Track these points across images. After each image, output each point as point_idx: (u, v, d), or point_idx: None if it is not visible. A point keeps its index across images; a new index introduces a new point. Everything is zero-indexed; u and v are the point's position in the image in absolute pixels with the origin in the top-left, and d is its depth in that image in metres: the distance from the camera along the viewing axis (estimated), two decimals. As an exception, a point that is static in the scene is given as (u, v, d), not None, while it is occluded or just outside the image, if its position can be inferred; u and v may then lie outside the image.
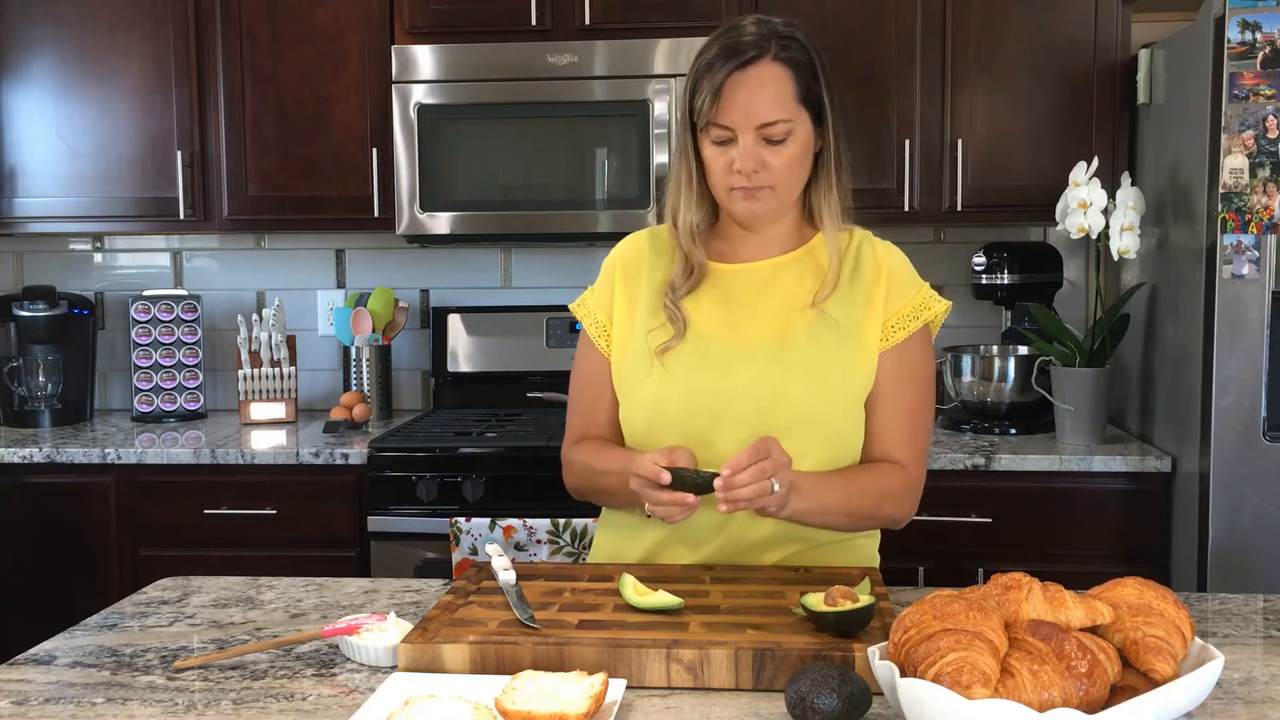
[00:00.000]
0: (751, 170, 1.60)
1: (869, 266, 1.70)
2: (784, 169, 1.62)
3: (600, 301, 1.78)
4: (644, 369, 1.68)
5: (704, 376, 1.65)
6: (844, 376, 1.65)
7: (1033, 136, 3.00)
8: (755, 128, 1.59)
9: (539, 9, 3.04)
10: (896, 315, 1.69)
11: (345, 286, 3.55)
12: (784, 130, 1.60)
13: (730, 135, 1.60)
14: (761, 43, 1.59)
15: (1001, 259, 3.10)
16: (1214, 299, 2.50)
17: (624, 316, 1.74)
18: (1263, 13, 2.42)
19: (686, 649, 1.29)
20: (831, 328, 1.66)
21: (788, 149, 1.61)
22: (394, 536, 2.84)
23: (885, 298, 1.69)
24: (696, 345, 1.67)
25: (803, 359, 1.64)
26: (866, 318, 1.67)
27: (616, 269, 1.78)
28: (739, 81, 1.58)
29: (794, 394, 1.63)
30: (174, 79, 3.16)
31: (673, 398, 1.65)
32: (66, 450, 2.94)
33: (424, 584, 1.74)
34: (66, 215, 3.23)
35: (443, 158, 3.04)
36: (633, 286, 1.75)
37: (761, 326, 1.67)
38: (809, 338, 1.65)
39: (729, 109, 1.58)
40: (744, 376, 1.64)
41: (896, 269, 1.72)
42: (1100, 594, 1.24)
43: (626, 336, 1.73)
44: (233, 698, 1.30)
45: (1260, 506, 2.50)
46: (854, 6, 3.01)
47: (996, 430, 2.99)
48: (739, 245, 1.73)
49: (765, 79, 1.59)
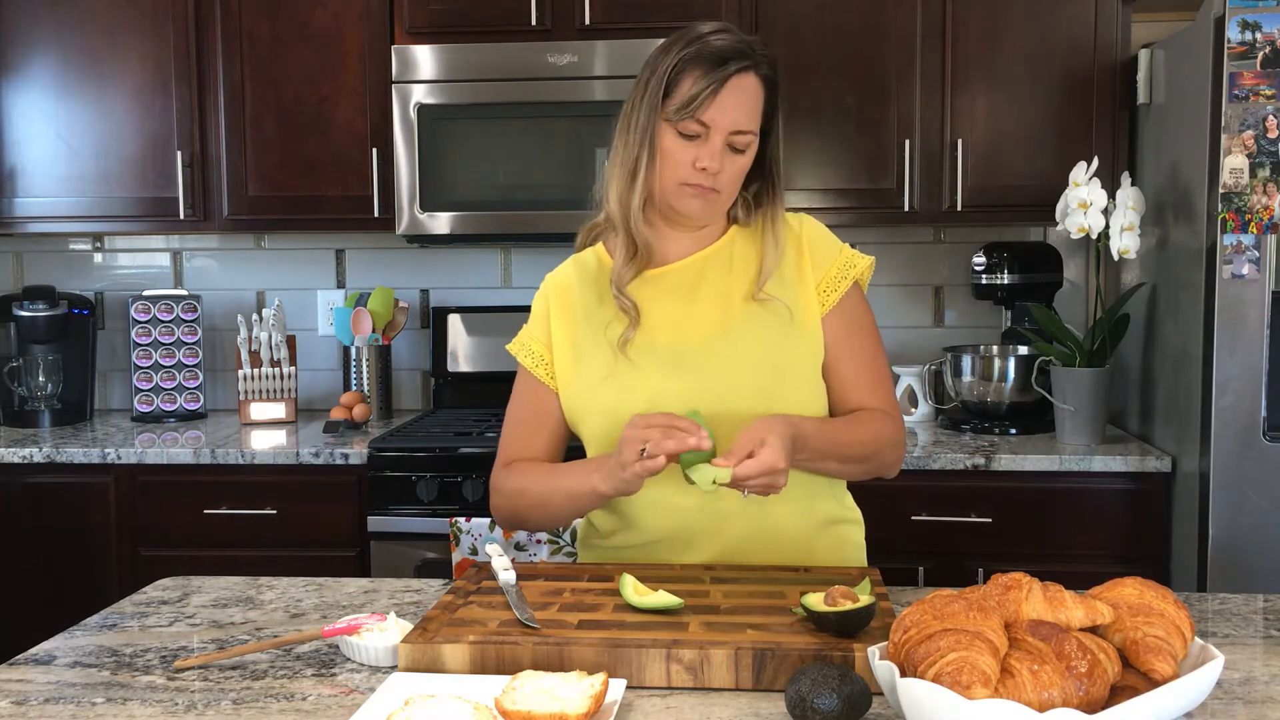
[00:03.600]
0: (715, 171, 1.63)
1: (789, 243, 1.74)
2: (735, 177, 1.67)
3: (536, 335, 1.79)
4: (603, 371, 1.69)
5: (668, 379, 1.67)
6: (793, 355, 1.69)
7: (1033, 136, 3.00)
8: (729, 132, 1.62)
9: (539, 9, 3.04)
10: (825, 279, 1.73)
11: (345, 286, 3.55)
12: (747, 142, 1.65)
13: (702, 133, 1.62)
14: (752, 54, 1.64)
15: (1001, 259, 3.10)
16: (1214, 299, 2.50)
17: (565, 344, 1.75)
18: (1263, 13, 2.42)
19: (686, 649, 1.29)
20: (770, 311, 1.69)
21: (743, 159, 1.66)
22: (394, 536, 2.84)
23: (810, 266, 1.73)
24: (651, 346, 1.69)
25: (750, 347, 1.67)
26: (799, 292, 1.71)
27: (550, 300, 1.79)
28: (737, 86, 1.61)
29: (749, 383, 1.66)
30: (174, 79, 3.16)
31: (639, 400, 1.66)
32: (66, 450, 2.94)
33: (424, 584, 1.74)
34: (66, 215, 3.23)
35: (443, 158, 3.04)
36: (568, 314, 1.76)
37: (703, 323, 1.70)
38: (751, 325, 1.69)
39: (718, 109, 1.61)
40: (705, 371, 1.66)
41: (814, 237, 1.76)
42: (1100, 594, 1.24)
43: (572, 362, 1.74)
44: (233, 698, 1.30)
45: (1260, 506, 2.50)
46: (854, 6, 3.01)
47: (996, 430, 2.99)
48: (665, 244, 1.74)
49: (751, 90, 1.64)
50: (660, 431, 1.50)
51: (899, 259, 3.40)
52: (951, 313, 3.41)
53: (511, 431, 1.81)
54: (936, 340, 3.38)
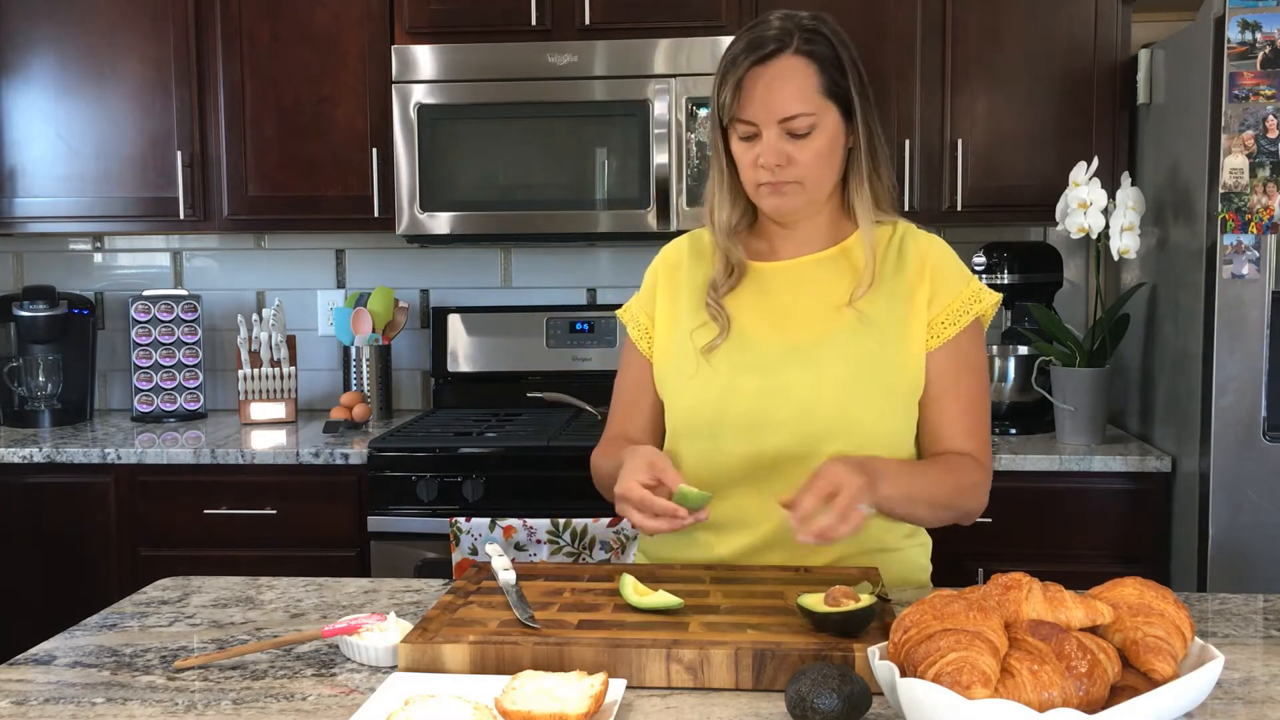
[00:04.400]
0: (775, 165, 1.59)
1: (912, 261, 1.68)
2: (810, 163, 1.60)
3: (643, 305, 1.79)
4: (689, 369, 1.68)
5: (748, 377, 1.64)
6: (887, 375, 1.64)
7: (1033, 136, 3.00)
8: (778, 122, 1.57)
9: (539, 9, 3.04)
10: (945, 311, 1.65)
11: (345, 286, 3.55)
12: (807, 124, 1.58)
13: (755, 130, 1.59)
14: (784, 36, 1.58)
15: (1001, 259, 3.10)
16: (1214, 299, 2.50)
17: (666, 318, 1.74)
18: (1263, 13, 2.42)
19: (686, 649, 1.29)
20: (873, 326, 1.64)
21: (813, 143, 1.59)
22: (394, 536, 2.84)
23: (930, 295, 1.66)
24: (739, 346, 1.66)
25: (844, 358, 1.63)
26: (910, 315, 1.65)
27: (659, 272, 1.79)
28: (759, 75, 1.57)
29: (836, 395, 1.61)
30: (174, 79, 3.16)
31: (717, 398, 1.65)
32: (66, 450, 2.94)
33: (424, 584, 1.74)
34: (66, 215, 3.23)
35: (443, 158, 3.04)
36: (674, 288, 1.75)
37: (802, 326, 1.66)
38: (850, 337, 1.64)
39: (749, 103, 1.58)
40: (786, 377, 1.63)
41: (941, 264, 1.68)
42: (1100, 594, 1.24)
43: (669, 337, 1.73)
44: (233, 698, 1.30)
45: (1260, 506, 2.50)
46: (854, 6, 3.01)
47: (996, 430, 2.99)
48: (777, 243, 1.72)
49: (786, 72, 1.57)
50: (635, 510, 1.48)
51: (899, 259, 3.40)
52: (951, 313, 3.40)
53: (615, 407, 1.81)
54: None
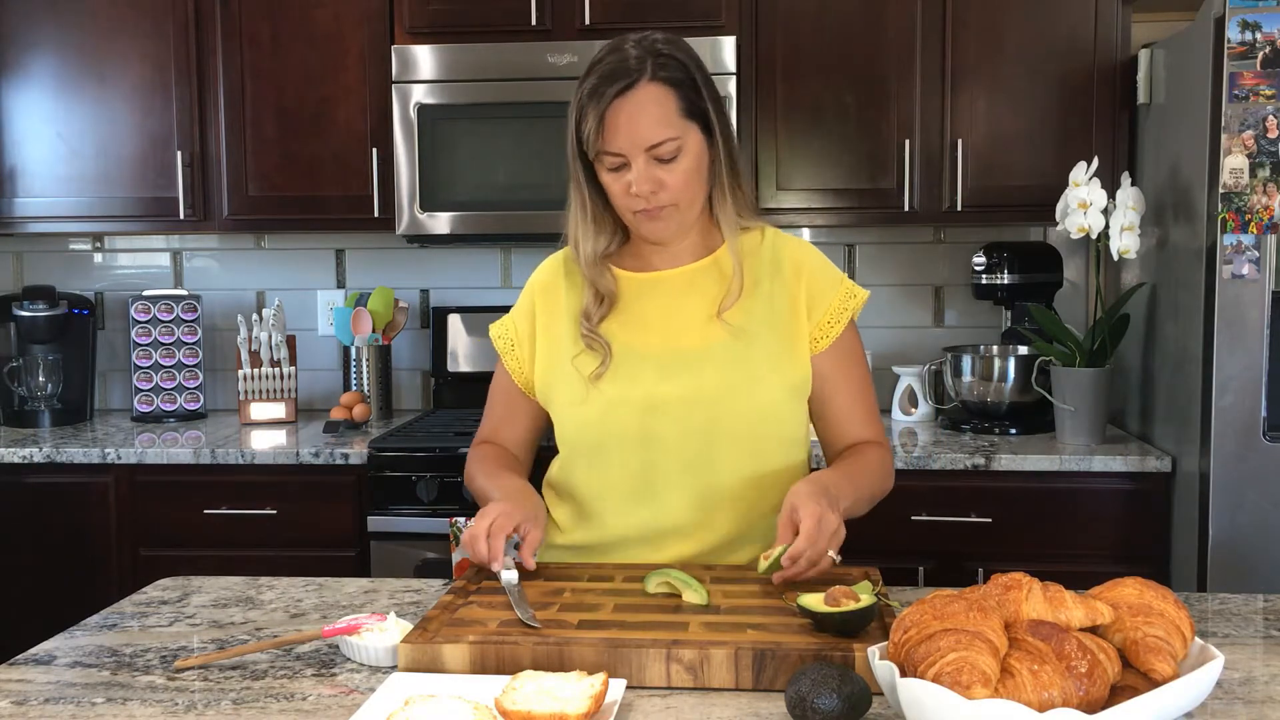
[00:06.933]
0: (649, 192, 1.61)
1: (788, 267, 1.73)
2: (681, 185, 1.63)
3: (520, 323, 1.80)
4: (576, 393, 1.70)
5: (634, 393, 1.67)
6: (774, 375, 1.68)
7: (1033, 136, 3.00)
8: (645, 150, 1.60)
9: (539, 9, 3.04)
10: (825, 314, 1.72)
11: (345, 286, 3.55)
12: (673, 148, 1.61)
13: (623, 160, 1.61)
14: (640, 65, 1.60)
15: (1001, 259, 3.10)
16: (1214, 299, 2.50)
17: (546, 340, 1.76)
18: (1263, 13, 2.42)
19: (686, 649, 1.29)
20: (754, 331, 1.68)
21: (681, 165, 1.62)
22: (394, 536, 2.85)
23: (809, 302, 1.72)
24: (624, 365, 1.69)
25: (728, 365, 1.67)
26: (792, 319, 1.70)
27: (535, 294, 1.80)
28: (621, 107, 1.59)
29: (724, 401, 1.66)
30: (174, 79, 3.16)
31: (604, 417, 1.68)
32: (66, 450, 2.94)
33: (424, 584, 1.74)
34: (66, 215, 3.23)
35: (443, 158, 3.04)
36: (552, 311, 1.77)
37: (682, 336, 1.69)
38: (732, 343, 1.68)
39: (615, 135, 1.59)
40: (672, 388, 1.66)
41: (816, 269, 1.74)
42: (1100, 594, 1.24)
43: (551, 360, 1.75)
44: (233, 698, 1.30)
45: (1260, 506, 2.50)
46: (854, 6, 3.01)
47: (996, 430, 2.99)
48: (651, 258, 1.75)
49: (647, 101, 1.60)
50: (486, 550, 1.54)
51: (899, 259, 3.41)
52: (951, 313, 3.41)
53: (492, 408, 1.86)
54: (936, 340, 3.38)
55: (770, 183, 3.06)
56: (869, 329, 3.40)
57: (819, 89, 3.03)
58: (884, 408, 3.32)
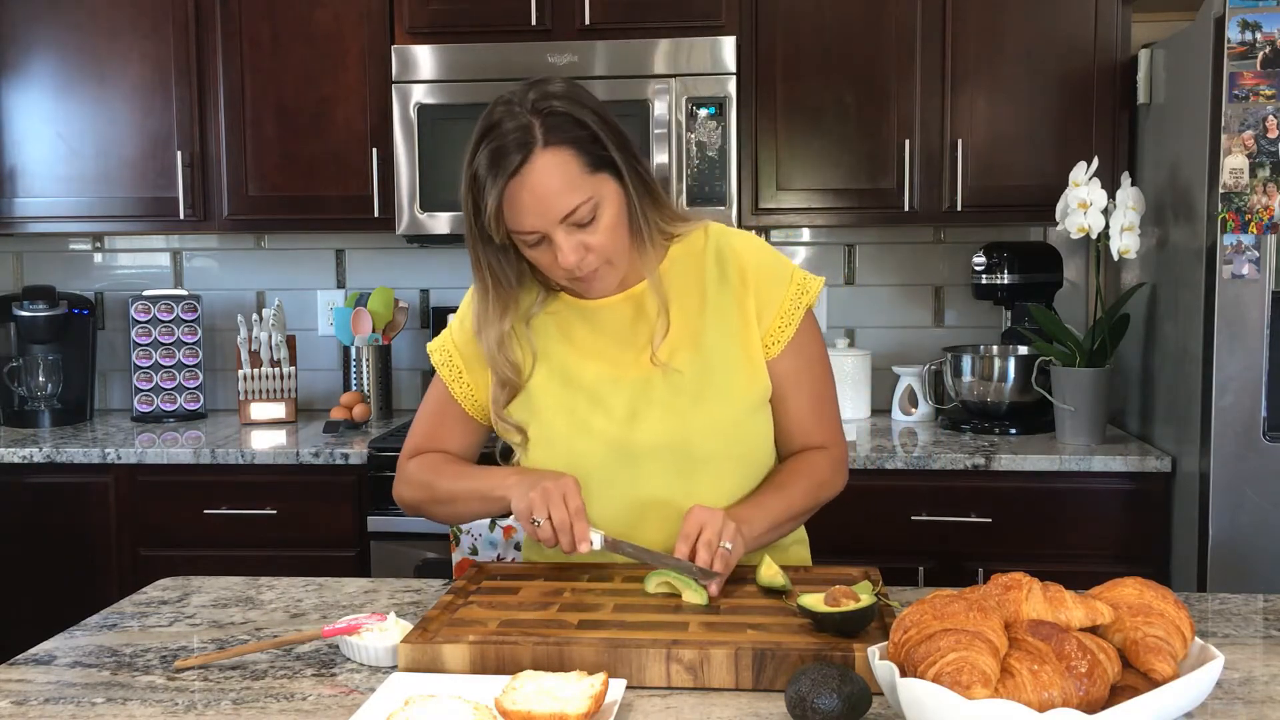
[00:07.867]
0: (577, 262, 1.52)
1: (733, 272, 1.65)
2: (608, 243, 1.54)
3: (462, 348, 1.71)
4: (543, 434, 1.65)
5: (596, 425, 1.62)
6: (730, 391, 1.63)
7: (1033, 136, 3.00)
8: (559, 221, 1.49)
9: (539, 9, 3.04)
10: (777, 316, 1.65)
11: (345, 286, 3.55)
12: (589, 210, 1.50)
13: (540, 235, 1.51)
14: (527, 136, 1.47)
15: (1001, 259, 3.10)
16: (1214, 299, 2.50)
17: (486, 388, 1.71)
18: (1263, 13, 2.42)
19: (686, 649, 1.29)
20: (705, 348, 1.63)
21: (602, 223, 1.52)
22: (394, 536, 2.85)
23: (759, 309, 1.65)
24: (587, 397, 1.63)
25: (686, 386, 1.61)
26: (743, 329, 1.64)
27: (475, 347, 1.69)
28: (521, 185, 1.47)
29: (689, 421, 1.61)
30: (174, 79, 3.16)
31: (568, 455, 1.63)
32: (66, 450, 2.94)
33: (424, 584, 1.74)
34: (66, 215, 3.23)
35: (443, 158, 3.04)
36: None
37: (633, 363, 1.63)
38: (686, 363, 1.62)
39: (523, 216, 1.49)
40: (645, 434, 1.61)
41: (761, 268, 1.66)
42: (1100, 594, 1.24)
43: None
44: (233, 698, 1.30)
45: (1260, 506, 2.50)
46: (854, 6, 3.01)
47: (996, 430, 2.99)
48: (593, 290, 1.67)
49: (546, 172, 1.47)
50: (571, 536, 1.50)
51: (899, 259, 3.41)
52: (951, 313, 3.41)
53: (430, 417, 1.76)
54: (936, 340, 3.38)
55: (770, 183, 3.06)
56: (869, 329, 3.41)
57: (819, 89, 3.03)
58: (884, 408, 3.32)
